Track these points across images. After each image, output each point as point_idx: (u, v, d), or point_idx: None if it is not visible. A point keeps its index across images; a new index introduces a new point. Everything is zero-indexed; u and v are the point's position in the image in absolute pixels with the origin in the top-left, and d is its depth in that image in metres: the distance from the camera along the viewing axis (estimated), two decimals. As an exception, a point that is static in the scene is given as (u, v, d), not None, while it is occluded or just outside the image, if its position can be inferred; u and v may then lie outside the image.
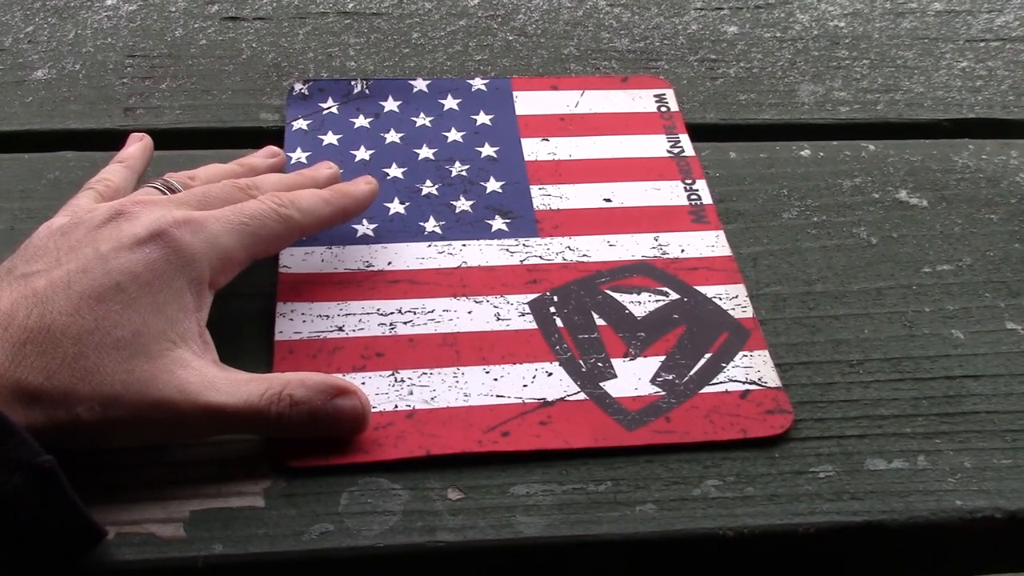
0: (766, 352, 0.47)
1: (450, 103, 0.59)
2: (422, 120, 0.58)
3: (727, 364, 0.46)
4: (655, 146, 0.57)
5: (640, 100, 0.60)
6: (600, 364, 0.46)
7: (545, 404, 0.44)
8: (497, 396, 0.44)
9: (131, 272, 0.40)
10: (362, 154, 0.55)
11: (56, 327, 0.38)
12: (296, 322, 0.47)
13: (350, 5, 0.67)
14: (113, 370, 0.38)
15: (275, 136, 0.57)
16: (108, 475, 0.40)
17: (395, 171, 0.55)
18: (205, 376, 0.40)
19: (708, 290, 0.49)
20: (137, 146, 0.51)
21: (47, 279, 0.39)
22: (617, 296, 0.49)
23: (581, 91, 0.61)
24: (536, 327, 0.47)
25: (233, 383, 0.40)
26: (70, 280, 0.39)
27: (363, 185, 0.50)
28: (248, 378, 0.41)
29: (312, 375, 0.41)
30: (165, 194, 0.46)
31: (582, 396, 0.45)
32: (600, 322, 0.48)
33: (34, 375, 0.37)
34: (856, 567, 0.43)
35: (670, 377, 0.46)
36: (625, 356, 0.46)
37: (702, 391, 0.45)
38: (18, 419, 0.35)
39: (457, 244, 0.51)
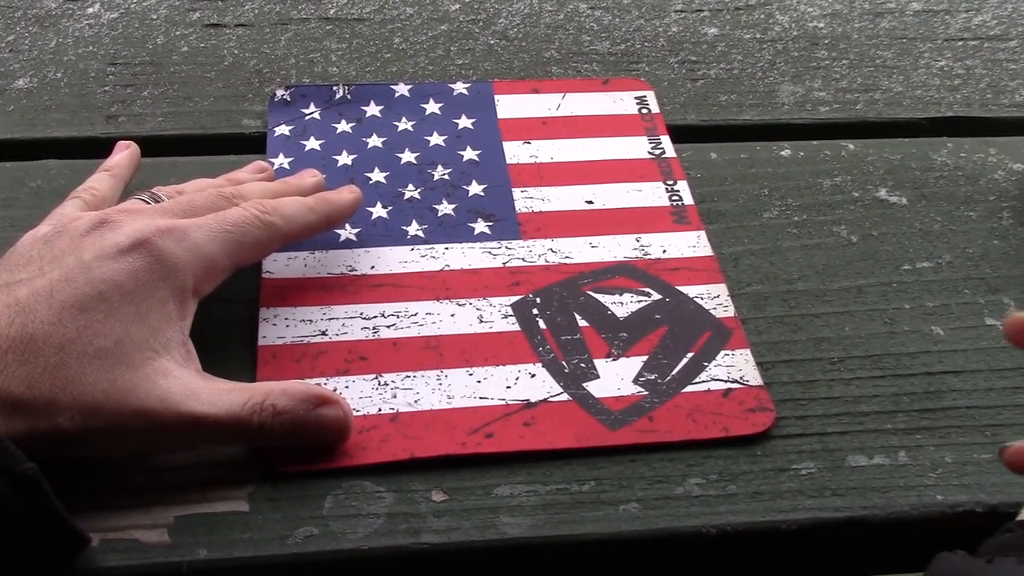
0: (748, 351, 0.47)
1: (432, 107, 0.59)
2: (404, 124, 0.58)
3: (709, 363, 0.46)
4: (636, 148, 0.58)
5: (621, 102, 0.61)
6: (583, 365, 0.46)
7: (528, 405, 0.44)
8: (480, 398, 0.44)
9: (114, 281, 0.40)
10: (344, 159, 0.56)
11: (38, 336, 0.38)
12: (279, 327, 0.47)
13: (331, 11, 0.67)
14: (94, 379, 0.38)
15: (257, 142, 0.57)
16: (92, 481, 0.40)
17: (377, 175, 0.55)
18: (187, 385, 0.40)
19: (690, 290, 0.50)
20: (124, 154, 0.51)
21: (29, 288, 0.39)
22: (599, 297, 0.49)
23: (562, 94, 0.61)
24: (519, 329, 0.47)
25: (215, 392, 0.40)
26: (53, 289, 0.39)
27: (347, 194, 0.50)
28: (230, 387, 0.41)
29: (294, 384, 0.42)
30: (151, 205, 0.46)
31: (565, 397, 0.45)
32: (583, 323, 0.48)
33: (15, 384, 0.37)
34: (838, 562, 0.43)
35: (652, 377, 0.46)
36: (608, 356, 0.47)
37: (684, 390, 0.45)
38: None
39: (440, 247, 0.51)
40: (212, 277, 0.43)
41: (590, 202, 0.54)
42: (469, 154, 0.57)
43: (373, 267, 0.50)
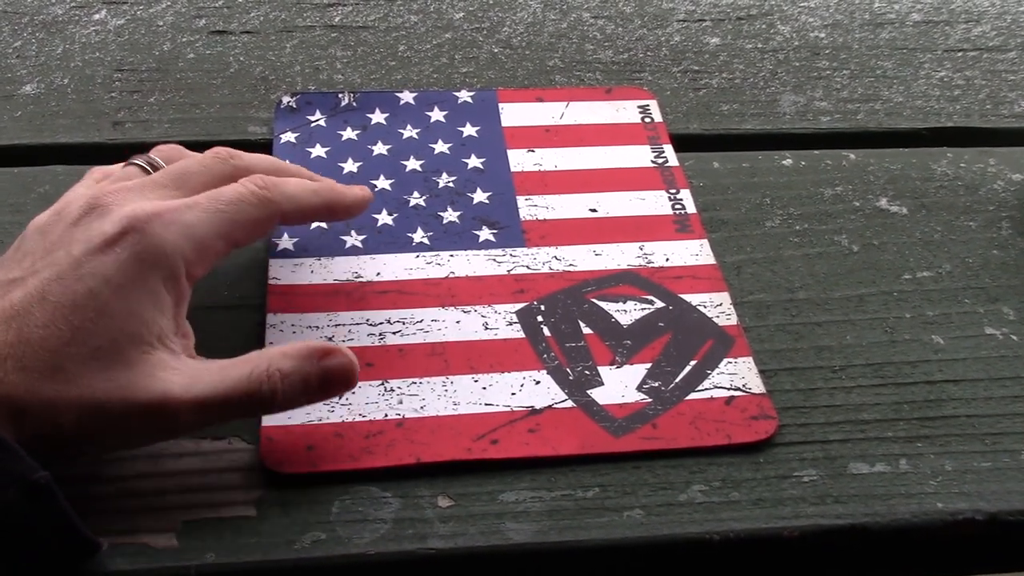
0: (750, 359, 0.48)
1: (436, 115, 0.60)
2: (409, 132, 0.59)
3: (712, 371, 0.47)
4: (639, 156, 0.58)
5: (624, 111, 0.61)
6: (587, 372, 0.46)
7: (533, 412, 0.45)
8: (486, 404, 0.45)
9: (103, 276, 0.39)
10: (350, 166, 0.56)
11: (34, 340, 0.37)
12: (286, 333, 0.47)
13: (337, 19, 0.67)
14: (93, 380, 0.37)
15: (263, 149, 0.57)
16: (101, 486, 0.41)
17: (383, 183, 0.55)
18: (187, 372, 0.39)
19: (693, 298, 0.50)
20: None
21: (23, 291, 0.39)
22: (603, 305, 0.50)
23: (566, 102, 0.61)
24: (524, 336, 0.48)
25: (216, 372, 0.40)
26: (44, 290, 0.38)
27: (356, 190, 0.49)
28: (229, 364, 0.40)
29: (292, 345, 0.41)
30: (147, 171, 0.45)
31: (570, 404, 0.45)
32: (587, 330, 0.48)
33: (16, 390, 0.36)
34: (840, 569, 0.44)
35: (656, 384, 0.46)
36: (612, 364, 0.47)
37: (688, 398, 0.46)
38: (6, 434, 0.35)
39: (445, 255, 0.52)
40: (205, 259, 0.42)
41: (594, 210, 0.55)
42: (474, 162, 0.57)
43: (379, 274, 0.50)
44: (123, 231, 0.40)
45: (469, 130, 0.59)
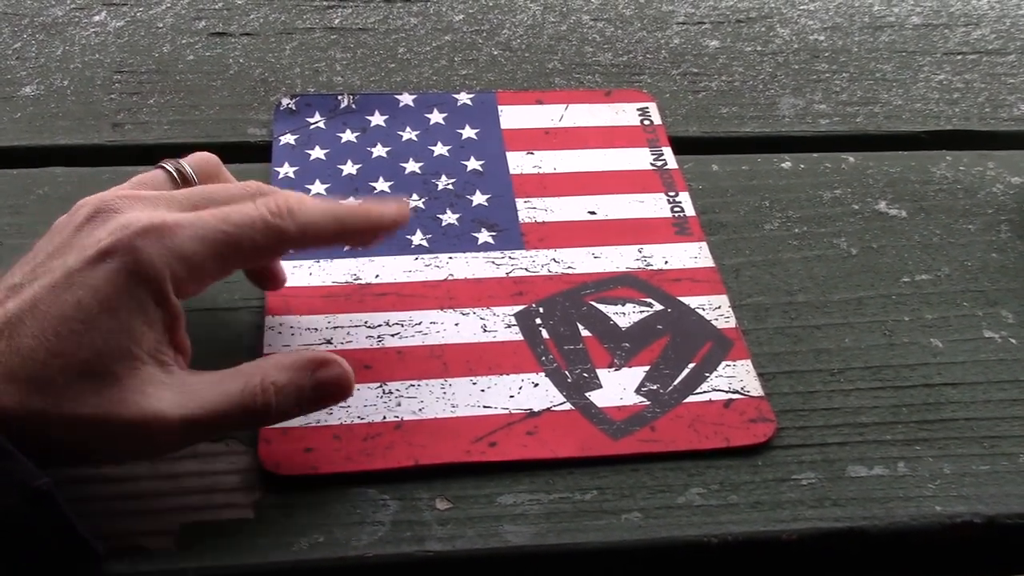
0: (749, 362, 0.48)
1: (436, 117, 0.60)
2: (408, 134, 0.59)
3: (710, 374, 0.47)
4: (639, 159, 0.58)
5: (624, 114, 0.61)
6: (585, 375, 0.46)
7: (532, 414, 0.45)
8: (484, 407, 0.45)
9: (92, 287, 0.38)
10: (349, 168, 0.56)
11: (23, 350, 0.36)
12: (284, 335, 0.47)
13: (336, 21, 0.67)
14: (81, 394, 0.37)
15: (263, 151, 0.57)
16: (99, 489, 0.40)
17: (382, 185, 0.55)
18: (178, 388, 0.38)
19: (691, 301, 0.50)
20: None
21: (19, 300, 0.38)
22: (602, 307, 0.50)
23: (565, 105, 0.61)
24: (522, 338, 0.48)
25: (209, 387, 0.39)
26: (36, 300, 0.38)
27: (390, 208, 0.45)
28: (221, 377, 0.40)
29: (286, 355, 0.41)
30: (174, 179, 0.44)
31: (568, 406, 0.45)
32: (585, 333, 0.48)
33: (8, 400, 0.36)
34: (838, 572, 0.44)
35: (654, 387, 0.46)
36: (610, 366, 0.47)
37: (686, 401, 0.46)
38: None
39: (444, 257, 0.52)
40: (198, 280, 0.40)
41: (592, 213, 0.55)
42: (473, 164, 0.57)
43: (377, 276, 0.50)
44: (116, 242, 0.38)
45: (468, 132, 0.59)
